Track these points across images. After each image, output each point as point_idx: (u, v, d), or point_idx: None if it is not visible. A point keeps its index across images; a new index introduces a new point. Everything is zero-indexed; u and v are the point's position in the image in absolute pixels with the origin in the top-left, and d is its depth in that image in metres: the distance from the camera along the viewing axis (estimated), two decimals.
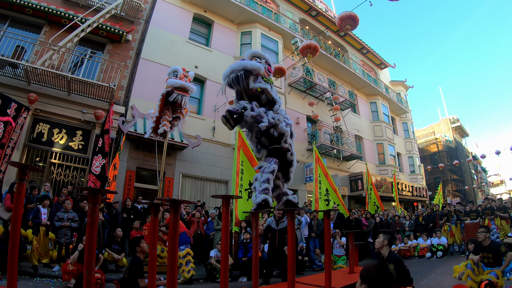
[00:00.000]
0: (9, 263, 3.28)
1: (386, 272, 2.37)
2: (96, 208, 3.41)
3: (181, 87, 6.01)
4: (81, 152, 12.55)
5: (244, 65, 4.64)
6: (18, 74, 11.49)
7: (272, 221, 8.96)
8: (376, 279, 2.34)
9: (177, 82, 5.98)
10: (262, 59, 5.00)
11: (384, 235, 4.83)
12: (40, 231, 8.13)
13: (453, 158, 39.10)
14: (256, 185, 4.59)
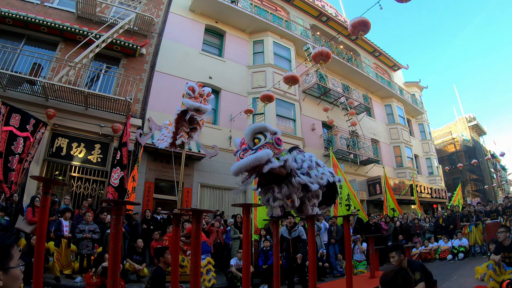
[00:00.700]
0: (35, 274, 3.35)
1: (403, 274, 2.40)
2: (120, 219, 3.48)
3: (197, 109, 6.10)
4: (99, 165, 12.72)
5: (249, 163, 4.29)
6: (36, 90, 11.76)
7: (284, 231, 8.95)
8: (395, 283, 2.37)
9: (193, 105, 6.06)
10: (266, 132, 4.61)
11: (396, 252, 4.68)
12: (62, 243, 8.30)
13: (471, 157, 38.57)
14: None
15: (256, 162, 4.26)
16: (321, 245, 11.39)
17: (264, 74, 17.84)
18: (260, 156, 4.26)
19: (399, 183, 21.71)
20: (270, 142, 4.52)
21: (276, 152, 4.50)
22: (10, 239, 1.42)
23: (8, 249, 1.40)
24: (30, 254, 6.85)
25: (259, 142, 4.52)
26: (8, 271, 1.38)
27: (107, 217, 9.41)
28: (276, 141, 4.58)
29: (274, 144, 4.54)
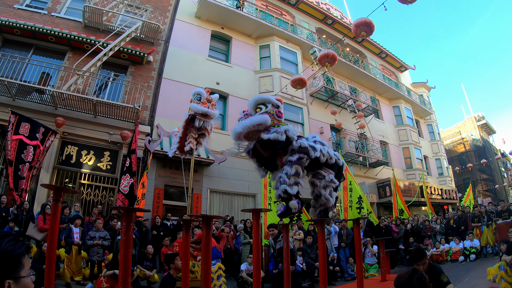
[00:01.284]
0: (46, 281, 3.38)
1: (418, 276, 2.38)
2: (130, 226, 3.51)
3: (204, 113, 6.11)
4: (109, 172, 12.81)
5: (247, 125, 4.45)
6: (45, 99, 11.88)
7: (271, 241, 8.94)
8: (410, 285, 2.35)
9: (200, 109, 6.07)
10: (268, 103, 4.78)
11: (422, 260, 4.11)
12: (73, 250, 8.36)
13: (481, 157, 38.26)
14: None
15: (254, 123, 4.41)
16: (331, 249, 11.37)
17: (271, 79, 17.86)
18: (258, 119, 4.44)
19: (409, 184, 21.56)
20: (271, 112, 4.65)
21: (275, 123, 4.61)
22: (21, 249, 1.43)
23: (19, 259, 1.41)
24: (41, 261, 6.92)
25: (260, 111, 4.68)
26: (19, 280, 1.39)
27: (117, 224, 9.46)
28: (277, 113, 4.71)
29: (274, 115, 4.65)
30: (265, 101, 4.76)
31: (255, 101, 4.77)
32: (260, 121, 4.43)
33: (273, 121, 4.59)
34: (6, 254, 1.37)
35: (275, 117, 4.66)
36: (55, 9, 14.28)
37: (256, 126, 4.43)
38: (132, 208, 3.86)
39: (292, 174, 4.50)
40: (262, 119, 4.45)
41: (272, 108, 4.71)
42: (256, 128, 4.44)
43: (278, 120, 4.69)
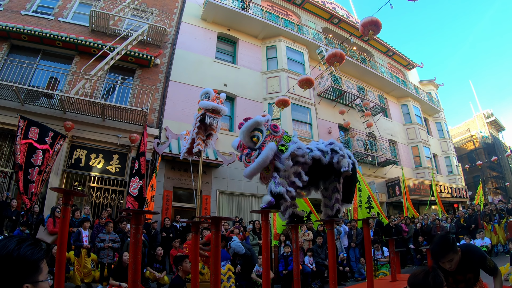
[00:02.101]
0: (56, 284, 3.39)
1: (434, 275, 2.35)
2: (140, 228, 3.50)
3: (214, 109, 6.09)
4: (118, 175, 12.86)
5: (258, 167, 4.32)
6: (54, 104, 11.98)
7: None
8: (425, 284, 2.32)
9: (210, 104, 6.05)
10: (260, 126, 4.53)
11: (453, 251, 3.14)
12: (82, 252, 8.42)
13: (491, 154, 37.94)
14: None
15: (264, 163, 4.25)
16: (341, 249, 11.33)
17: (279, 79, 17.86)
18: (265, 156, 4.22)
19: (419, 183, 21.42)
20: (267, 133, 4.45)
21: (278, 140, 4.42)
22: (40, 253, 1.45)
23: (38, 263, 1.43)
24: (51, 264, 6.95)
25: (259, 140, 4.46)
26: (37, 284, 1.41)
27: (126, 226, 9.50)
28: (272, 129, 4.50)
29: (272, 134, 4.46)
30: (256, 126, 4.52)
31: (246, 132, 4.50)
32: (268, 156, 4.25)
33: (275, 140, 4.41)
34: (25, 259, 1.39)
35: (273, 134, 4.48)
36: (62, 14, 14.39)
37: (266, 163, 4.29)
38: (141, 211, 3.87)
39: (283, 176, 4.40)
40: (269, 153, 4.26)
41: (267, 129, 4.52)
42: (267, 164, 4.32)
43: (278, 136, 4.50)
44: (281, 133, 4.56)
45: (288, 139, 4.50)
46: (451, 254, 3.07)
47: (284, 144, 4.40)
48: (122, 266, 7.34)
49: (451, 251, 3.08)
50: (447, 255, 3.09)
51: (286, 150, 4.33)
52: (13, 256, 1.36)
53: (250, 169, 4.36)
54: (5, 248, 1.37)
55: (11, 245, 1.38)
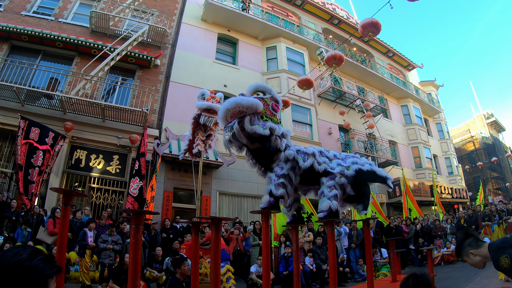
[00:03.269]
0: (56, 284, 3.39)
1: (414, 278, 2.37)
2: (139, 229, 3.51)
3: (208, 108, 6.12)
4: (118, 175, 12.87)
5: (236, 103, 4.15)
6: (54, 104, 12.00)
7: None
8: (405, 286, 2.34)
9: (203, 104, 6.11)
10: (267, 93, 4.57)
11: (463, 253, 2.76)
12: (87, 252, 8.45)
13: (491, 155, 37.95)
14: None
15: (239, 104, 4.14)
16: (341, 250, 11.33)
17: (279, 80, 17.86)
18: (246, 100, 4.17)
19: (419, 184, 21.44)
20: (267, 102, 4.46)
21: (268, 114, 4.39)
22: (52, 270, 1.40)
23: (47, 279, 1.38)
24: None
25: (257, 96, 4.48)
26: None
27: (126, 226, 9.51)
28: (273, 106, 4.52)
29: (269, 106, 4.46)
30: (265, 90, 4.59)
31: (255, 87, 4.60)
32: (250, 103, 4.18)
33: (265, 111, 4.38)
34: (35, 272, 1.32)
35: (270, 108, 4.46)
36: (62, 15, 14.41)
37: (244, 107, 4.16)
38: (141, 211, 3.87)
39: (280, 174, 4.42)
40: (253, 102, 4.19)
41: (270, 100, 4.52)
42: (244, 109, 4.19)
43: (272, 113, 4.47)
44: (275, 115, 4.55)
45: (275, 121, 4.46)
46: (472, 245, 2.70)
47: (267, 117, 4.36)
48: (122, 268, 7.35)
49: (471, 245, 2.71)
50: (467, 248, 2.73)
51: (265, 120, 4.28)
52: (23, 266, 1.30)
53: (230, 100, 4.23)
54: (17, 256, 1.31)
55: (23, 254, 1.33)
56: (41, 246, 8.51)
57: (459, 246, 2.81)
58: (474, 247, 2.66)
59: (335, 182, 4.44)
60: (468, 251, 2.68)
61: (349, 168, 4.50)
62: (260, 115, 4.31)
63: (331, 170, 4.49)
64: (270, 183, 4.47)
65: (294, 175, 4.51)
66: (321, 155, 4.65)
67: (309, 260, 10.00)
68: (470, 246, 2.69)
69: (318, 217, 4.44)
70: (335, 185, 4.42)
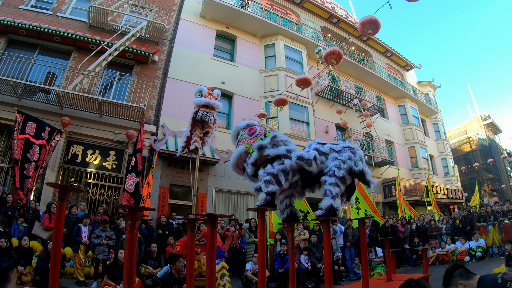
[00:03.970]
0: (51, 280, 3.39)
1: (416, 282, 2.38)
2: (135, 225, 3.50)
3: (206, 104, 6.12)
4: (114, 171, 12.84)
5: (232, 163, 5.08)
6: (51, 99, 11.93)
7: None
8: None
9: (202, 100, 6.11)
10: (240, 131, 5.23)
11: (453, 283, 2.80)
12: (81, 248, 8.43)
13: (487, 156, 38.06)
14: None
15: (234, 160, 4.97)
16: (336, 248, 11.36)
17: (277, 78, 17.86)
18: (232, 159, 4.98)
19: (415, 184, 21.47)
20: (243, 138, 5.06)
21: (251, 143, 4.88)
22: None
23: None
24: (47, 260, 6.96)
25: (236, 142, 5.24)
26: None
27: (122, 222, 9.49)
28: (248, 133, 5.05)
29: (245, 138, 5.00)
30: (238, 130, 5.26)
31: (232, 137, 5.36)
32: (236, 156, 4.94)
33: (248, 144, 4.91)
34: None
35: (248, 138, 4.99)
36: (60, 9, 14.34)
37: (239, 160, 4.95)
38: (137, 207, 3.88)
39: (270, 172, 4.53)
40: (236, 154, 4.93)
41: (243, 132, 5.13)
42: (241, 160, 4.95)
43: (252, 138, 4.95)
44: (255, 137, 4.95)
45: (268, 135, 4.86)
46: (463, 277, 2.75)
47: (252, 149, 4.83)
48: (117, 264, 7.35)
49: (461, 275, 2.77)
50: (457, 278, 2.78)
51: (250, 154, 4.84)
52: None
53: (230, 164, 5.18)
54: None
55: None
56: (37, 241, 8.49)
57: (448, 276, 2.83)
58: (465, 278, 2.72)
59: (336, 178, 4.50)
60: (458, 281, 2.72)
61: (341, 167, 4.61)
62: (246, 152, 4.92)
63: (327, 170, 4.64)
64: (260, 180, 4.64)
65: (286, 179, 4.62)
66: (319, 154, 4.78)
67: (305, 258, 10.02)
68: (461, 276, 2.74)
69: (316, 214, 4.47)
70: (337, 182, 4.49)
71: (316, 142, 5.06)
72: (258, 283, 4.57)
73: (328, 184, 4.46)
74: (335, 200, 4.32)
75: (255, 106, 16.67)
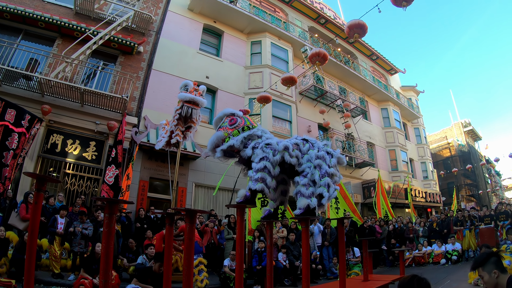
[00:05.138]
0: (26, 271, 3.33)
1: (419, 278, 2.39)
2: (113, 218, 3.47)
3: (191, 100, 6.07)
4: (94, 162, 12.68)
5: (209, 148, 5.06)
6: (32, 86, 11.69)
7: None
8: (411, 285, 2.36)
9: (187, 96, 6.05)
10: (223, 117, 5.19)
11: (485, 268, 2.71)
12: (56, 239, 8.29)
13: (466, 162, 38.69)
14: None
15: (212, 144, 4.95)
16: (314, 247, 11.43)
17: (261, 75, 17.85)
18: (211, 140, 4.96)
19: (394, 186, 21.72)
20: (224, 125, 5.02)
21: (229, 132, 4.91)
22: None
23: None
24: (23, 251, 6.83)
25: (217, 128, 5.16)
26: None
27: (100, 215, 9.39)
28: (229, 123, 5.03)
29: (226, 127, 4.98)
30: (221, 117, 5.21)
31: (215, 122, 5.28)
32: (214, 140, 4.94)
33: (226, 132, 4.92)
34: None
35: (227, 127, 4.98)
36: None
37: (215, 144, 4.92)
38: (115, 200, 3.84)
39: (258, 169, 4.51)
40: (214, 138, 4.94)
41: (225, 120, 5.11)
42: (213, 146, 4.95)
43: (231, 128, 4.97)
44: (234, 128, 4.97)
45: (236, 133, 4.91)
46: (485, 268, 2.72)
47: (229, 137, 4.89)
48: (94, 257, 7.29)
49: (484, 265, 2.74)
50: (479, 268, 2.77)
51: (226, 141, 4.87)
52: None
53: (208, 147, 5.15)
54: None
55: None
56: (13, 231, 8.34)
57: (484, 260, 2.75)
58: (500, 268, 2.65)
59: (308, 179, 4.52)
60: (492, 269, 2.66)
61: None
62: (223, 139, 4.92)
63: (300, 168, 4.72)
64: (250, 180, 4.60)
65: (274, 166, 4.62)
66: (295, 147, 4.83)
67: (282, 256, 10.06)
68: (496, 265, 2.67)
69: (294, 214, 4.49)
70: (309, 182, 4.51)
71: (301, 137, 5.08)
72: (235, 280, 4.57)
73: (301, 185, 4.50)
74: (311, 199, 4.33)
75: (239, 102, 16.63)
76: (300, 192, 4.48)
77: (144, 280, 6.84)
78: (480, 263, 2.76)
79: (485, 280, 2.74)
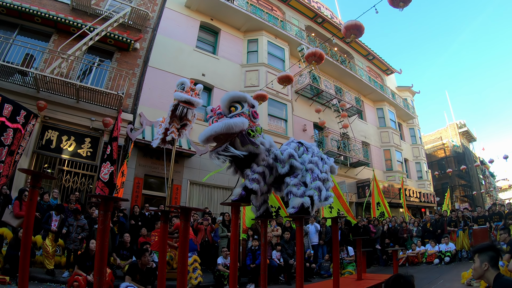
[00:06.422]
0: (21, 268, 3.34)
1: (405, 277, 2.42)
2: (108, 215, 3.47)
3: (187, 101, 6.07)
4: (89, 159, 12.65)
5: (222, 128, 4.07)
6: (28, 81, 11.64)
7: None
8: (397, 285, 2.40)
9: (183, 96, 6.03)
10: (244, 102, 4.40)
11: (480, 256, 2.80)
12: (50, 236, 8.25)
13: (460, 163, 38.84)
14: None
15: (230, 128, 4.07)
16: (308, 246, 11.48)
17: (258, 73, 17.85)
18: (234, 122, 4.09)
19: (388, 186, 21.79)
20: (247, 113, 4.36)
21: (251, 125, 4.36)
22: None
23: None
24: (17, 248, 6.81)
25: (235, 111, 4.32)
26: None
27: (94, 211, 9.37)
28: (253, 114, 4.46)
29: (250, 116, 4.39)
30: (241, 100, 4.39)
31: (229, 98, 4.34)
32: (238, 125, 4.11)
33: (249, 124, 4.33)
34: None
35: (251, 118, 4.40)
36: None
37: (235, 130, 4.11)
38: (110, 197, 3.83)
39: (257, 171, 4.49)
40: (240, 124, 4.13)
41: (248, 108, 4.39)
42: (231, 131, 4.12)
43: (254, 122, 4.44)
44: (257, 123, 4.57)
45: (259, 131, 4.51)
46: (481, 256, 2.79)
47: (254, 131, 4.37)
48: (89, 254, 7.28)
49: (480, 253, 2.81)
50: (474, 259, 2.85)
51: (253, 136, 4.31)
52: None
53: (212, 127, 4.19)
54: None
55: None
56: (7, 228, 8.30)
57: (484, 248, 2.82)
58: (492, 263, 2.72)
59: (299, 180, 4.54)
60: (484, 261, 2.73)
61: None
62: (247, 131, 4.29)
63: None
64: (246, 179, 4.56)
65: (269, 174, 4.62)
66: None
67: (276, 254, 10.10)
68: (490, 259, 2.73)
69: (288, 212, 4.51)
70: (300, 183, 4.53)
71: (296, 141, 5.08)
72: (230, 277, 4.59)
73: (292, 185, 4.51)
74: (305, 198, 4.35)
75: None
76: (291, 192, 4.49)
77: (134, 276, 6.87)
78: (479, 250, 2.85)
79: (474, 267, 2.83)
